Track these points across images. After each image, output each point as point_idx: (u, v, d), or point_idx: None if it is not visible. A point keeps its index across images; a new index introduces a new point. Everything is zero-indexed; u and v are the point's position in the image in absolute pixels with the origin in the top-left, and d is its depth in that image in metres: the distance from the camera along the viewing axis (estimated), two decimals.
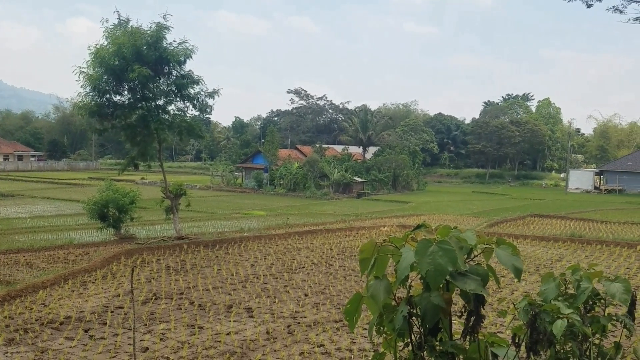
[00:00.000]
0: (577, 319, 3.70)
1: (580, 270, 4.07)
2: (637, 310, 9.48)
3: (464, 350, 3.46)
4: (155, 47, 16.87)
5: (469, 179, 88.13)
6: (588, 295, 3.94)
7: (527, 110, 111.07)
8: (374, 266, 3.56)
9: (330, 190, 55.26)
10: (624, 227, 26.25)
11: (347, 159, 62.61)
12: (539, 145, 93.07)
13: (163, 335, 8.72)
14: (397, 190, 61.86)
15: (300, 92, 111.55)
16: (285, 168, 58.50)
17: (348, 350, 8.06)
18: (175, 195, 18.52)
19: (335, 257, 15.96)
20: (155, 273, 13.40)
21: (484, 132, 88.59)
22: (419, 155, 72.64)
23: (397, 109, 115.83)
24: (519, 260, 3.42)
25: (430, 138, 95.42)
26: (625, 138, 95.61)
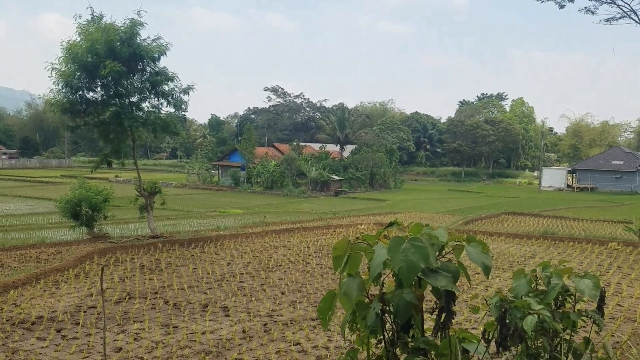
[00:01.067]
0: (548, 315, 3.77)
1: (551, 266, 4.15)
2: (607, 306, 9.66)
3: (435, 346, 3.50)
4: (129, 43, 16.66)
5: (445, 177, 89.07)
6: (558, 291, 4.01)
7: (501, 110, 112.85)
8: (347, 264, 3.58)
9: (307, 189, 55.30)
10: (596, 225, 26.83)
11: (324, 157, 62.70)
12: (513, 144, 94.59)
13: (137, 335, 8.61)
14: (375, 188, 62.20)
15: (277, 90, 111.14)
16: (262, 166, 58.31)
17: (324, 348, 8.07)
18: (149, 194, 18.33)
19: (313, 255, 15.97)
20: (129, 272, 13.24)
21: (460, 131, 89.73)
22: (396, 153, 73.19)
23: (374, 108, 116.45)
24: (489, 258, 3.47)
25: (407, 137, 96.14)
26: (597, 137, 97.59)
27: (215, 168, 66.98)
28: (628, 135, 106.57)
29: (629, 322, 9.60)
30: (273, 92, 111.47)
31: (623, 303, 10.91)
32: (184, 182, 62.50)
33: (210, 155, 73.95)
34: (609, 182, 71.09)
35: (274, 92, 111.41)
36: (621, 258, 16.49)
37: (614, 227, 25.52)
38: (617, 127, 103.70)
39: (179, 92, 17.87)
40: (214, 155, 72.32)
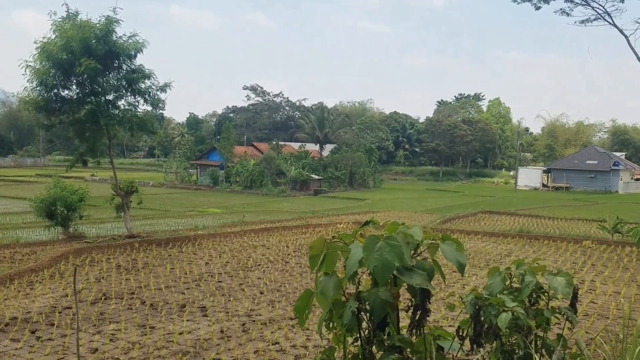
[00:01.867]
0: (522, 312, 3.82)
1: (525, 264, 4.20)
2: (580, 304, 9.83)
3: (410, 344, 3.54)
4: (105, 41, 16.44)
5: (423, 176, 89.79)
6: (532, 288, 4.06)
7: (478, 110, 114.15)
8: (324, 263, 3.59)
9: (287, 188, 55.23)
10: (570, 223, 27.32)
11: (304, 157, 62.68)
12: (489, 144, 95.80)
13: (113, 336, 8.52)
14: (354, 187, 62.42)
15: (257, 89, 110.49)
16: (241, 165, 58.03)
17: (303, 347, 8.08)
18: (126, 193, 18.12)
19: (292, 255, 15.96)
20: (105, 272, 13.08)
21: (438, 130, 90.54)
22: (375, 153, 73.54)
23: (354, 107, 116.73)
24: (463, 256, 3.51)
25: (386, 136, 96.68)
26: (572, 137, 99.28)
27: (193, 167, 66.43)
28: (602, 135, 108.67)
29: (602, 319, 9.78)
30: (252, 90, 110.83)
31: (597, 300, 11.12)
32: (162, 181, 61.91)
33: (189, 154, 73.17)
34: (583, 182, 72.31)
35: (253, 91, 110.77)
36: (595, 256, 16.79)
37: (588, 225, 25.98)
38: (591, 127, 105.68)
39: (155, 89, 17.71)
40: (192, 154, 71.59)
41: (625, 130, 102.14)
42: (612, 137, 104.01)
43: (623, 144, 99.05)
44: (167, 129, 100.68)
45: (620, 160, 75.47)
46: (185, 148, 79.15)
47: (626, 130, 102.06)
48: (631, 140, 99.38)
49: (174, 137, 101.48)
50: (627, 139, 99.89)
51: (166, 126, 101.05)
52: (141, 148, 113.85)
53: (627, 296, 11.46)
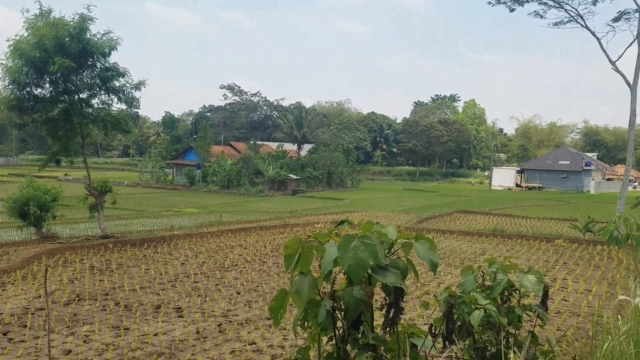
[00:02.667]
0: (494, 310, 3.87)
1: (497, 263, 4.26)
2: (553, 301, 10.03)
3: (384, 342, 3.57)
4: (79, 38, 16.18)
5: (400, 176, 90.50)
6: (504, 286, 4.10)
7: (454, 111, 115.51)
8: (299, 262, 3.60)
9: (265, 188, 55.12)
10: (543, 222, 27.86)
11: (282, 156, 62.63)
12: (465, 145, 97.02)
13: (87, 338, 8.40)
14: (332, 187, 62.60)
15: (234, 88, 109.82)
16: (218, 165, 57.71)
17: (280, 347, 8.07)
18: (99, 193, 17.87)
19: (269, 255, 15.92)
20: (78, 273, 12.87)
21: (414, 131, 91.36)
22: (353, 153, 73.87)
23: (332, 107, 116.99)
24: (436, 255, 3.55)
25: (364, 136, 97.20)
26: (544, 138, 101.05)
27: (169, 167, 65.81)
28: (574, 136, 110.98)
29: (574, 316, 9.96)
30: (229, 90, 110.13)
31: (568, 298, 11.32)
32: (137, 181, 61.21)
33: (164, 153, 72.39)
34: (556, 182, 73.63)
35: (230, 90, 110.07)
36: (567, 254, 17.11)
37: (560, 224, 26.49)
38: (564, 128, 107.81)
39: (130, 88, 17.51)
40: (168, 154, 70.86)
41: (597, 131, 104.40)
42: (584, 138, 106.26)
43: (595, 145, 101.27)
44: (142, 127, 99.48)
45: (592, 160, 77.02)
46: (161, 147, 78.19)
47: (598, 131, 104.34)
48: (603, 141, 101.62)
49: (149, 136, 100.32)
50: (599, 140, 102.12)
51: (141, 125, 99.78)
52: (116, 147, 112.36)
53: (597, 294, 11.71)
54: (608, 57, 21.90)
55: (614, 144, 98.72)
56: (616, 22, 22.45)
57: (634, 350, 4.97)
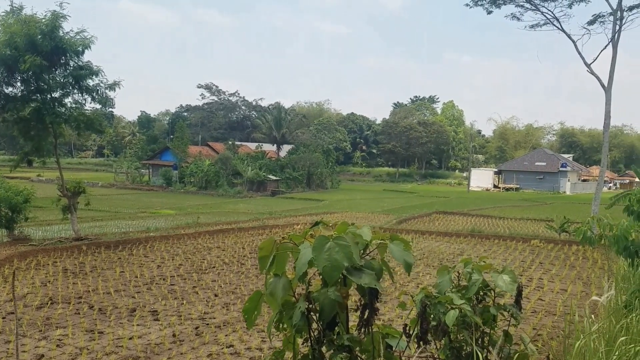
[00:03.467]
0: (469, 309, 3.88)
1: (472, 263, 4.29)
2: (529, 301, 10.10)
3: (359, 343, 3.55)
4: (51, 36, 15.84)
5: (380, 177, 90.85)
6: (479, 286, 4.14)
7: (433, 112, 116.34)
8: (273, 264, 3.56)
9: (243, 189, 54.84)
10: (520, 223, 28.24)
11: (261, 157, 62.36)
12: (444, 146, 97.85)
13: (60, 342, 8.22)
14: (312, 188, 62.55)
15: (212, 87, 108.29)
16: (196, 165, 57.12)
17: (258, 350, 8.00)
18: (73, 194, 17.52)
19: (248, 256, 15.81)
20: (51, 276, 12.61)
21: (394, 132, 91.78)
22: (333, 154, 73.85)
23: (311, 108, 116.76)
24: (410, 255, 3.56)
25: (343, 137, 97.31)
26: (522, 139, 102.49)
27: (145, 167, 64.85)
28: (551, 137, 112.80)
29: (549, 315, 10.07)
30: (207, 89, 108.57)
31: (544, 297, 11.45)
32: (112, 182, 60.34)
33: (140, 153, 71.17)
34: (532, 183, 74.71)
35: (207, 89, 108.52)
36: (543, 254, 17.34)
37: (536, 225, 26.86)
38: (540, 129, 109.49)
39: (104, 87, 17.22)
40: (144, 154, 69.67)
41: (573, 133, 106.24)
42: (560, 139, 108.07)
43: (571, 146, 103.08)
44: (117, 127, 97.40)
45: (568, 161, 78.36)
46: (137, 147, 76.92)
47: (574, 133, 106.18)
48: (578, 142, 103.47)
49: (124, 136, 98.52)
50: (575, 141, 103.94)
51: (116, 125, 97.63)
52: (90, 147, 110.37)
53: (573, 293, 11.86)
54: (583, 59, 22.25)
55: (590, 146, 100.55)
56: (591, 25, 22.83)
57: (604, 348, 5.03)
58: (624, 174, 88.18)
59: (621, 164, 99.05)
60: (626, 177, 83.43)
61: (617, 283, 9.44)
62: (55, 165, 18.96)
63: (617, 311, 7.16)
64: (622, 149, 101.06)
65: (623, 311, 7.08)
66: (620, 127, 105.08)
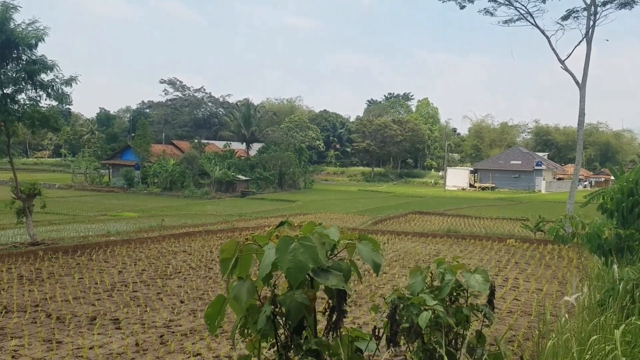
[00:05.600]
0: (442, 310, 3.76)
1: (445, 263, 4.17)
2: (505, 301, 9.89)
3: (328, 347, 3.36)
4: (1, 29, 15.06)
5: (354, 177, 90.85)
6: (452, 287, 4.07)
7: (407, 110, 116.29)
8: (236, 266, 3.32)
9: (211, 189, 53.95)
10: (495, 222, 28.38)
11: (229, 156, 61.33)
12: (419, 144, 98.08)
13: (15, 353, 7.76)
14: (284, 189, 62.00)
15: (175, 83, 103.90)
16: (159, 165, 55.88)
17: (227, 358, 7.67)
18: (27, 196, 16.80)
19: (216, 260, 15.35)
20: (5, 283, 11.99)
21: (368, 130, 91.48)
22: (305, 152, 73.27)
23: (282, 105, 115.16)
24: (379, 256, 3.37)
25: (316, 135, 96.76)
26: (497, 137, 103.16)
27: (105, 167, 63.21)
28: (526, 135, 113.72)
29: (525, 315, 9.95)
30: (170, 84, 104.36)
31: (520, 297, 11.33)
32: (70, 183, 58.86)
33: (100, 153, 69.17)
34: (508, 181, 75.42)
35: (171, 84, 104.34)
36: (518, 254, 17.30)
37: (512, 224, 27.02)
38: (515, 128, 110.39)
39: (60, 83, 16.55)
40: (103, 153, 67.71)
41: (547, 131, 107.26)
42: (535, 137, 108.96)
43: (546, 145, 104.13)
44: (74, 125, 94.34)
45: (543, 160, 79.33)
46: (96, 146, 74.56)
47: (549, 131, 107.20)
48: (553, 140, 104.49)
49: (82, 135, 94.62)
50: (550, 140, 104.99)
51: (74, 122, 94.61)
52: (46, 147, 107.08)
53: (548, 293, 11.78)
54: (557, 56, 22.30)
55: (564, 144, 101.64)
56: (565, 21, 22.86)
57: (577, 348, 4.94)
58: (599, 172, 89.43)
59: (596, 162, 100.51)
60: (601, 175, 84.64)
61: (591, 282, 9.39)
62: (8, 165, 18.26)
63: (590, 310, 7.07)
64: (597, 147, 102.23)
65: (597, 310, 6.99)
66: (595, 124, 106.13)
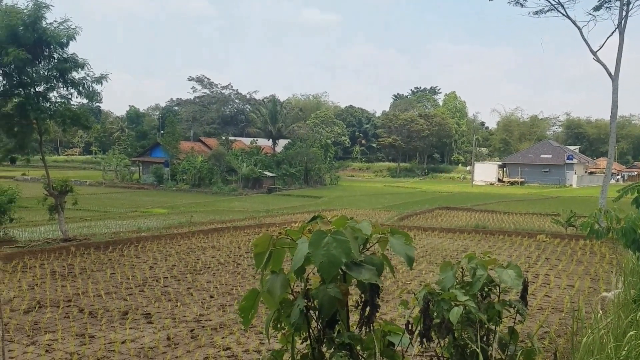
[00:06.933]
0: (473, 306, 3.67)
1: (476, 258, 4.09)
2: (535, 297, 9.74)
3: (360, 341, 3.34)
4: (34, 27, 15.35)
5: (380, 172, 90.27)
6: (483, 282, 3.97)
7: (434, 104, 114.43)
8: (270, 260, 3.31)
9: (238, 186, 54.22)
10: (525, 218, 27.79)
11: (256, 152, 61.50)
12: (446, 139, 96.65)
13: (49, 347, 7.93)
14: (310, 184, 61.91)
15: (203, 80, 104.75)
16: (188, 162, 56.28)
17: (256, 352, 7.73)
18: (60, 193, 17.10)
19: (244, 256, 15.48)
20: (38, 279, 12.27)
21: (394, 125, 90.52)
22: (331, 148, 72.96)
23: (308, 101, 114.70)
24: (412, 249, 3.31)
25: (342, 131, 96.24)
26: (526, 131, 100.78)
27: (135, 164, 63.91)
28: (556, 129, 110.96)
29: (556, 312, 9.79)
30: (198, 82, 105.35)
31: (551, 294, 11.14)
32: (100, 180, 59.73)
33: (129, 150, 69.63)
34: (538, 176, 73.82)
35: (199, 82, 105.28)
36: (549, 250, 17.00)
37: (542, 219, 26.50)
38: (546, 121, 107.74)
39: (90, 81, 16.79)
40: (133, 151, 68.27)
41: (579, 124, 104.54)
42: (566, 130, 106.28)
43: (577, 138, 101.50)
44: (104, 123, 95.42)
45: (574, 154, 77.50)
46: (126, 144, 74.88)
47: (580, 124, 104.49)
48: (585, 133, 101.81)
49: (112, 132, 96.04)
50: (581, 133, 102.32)
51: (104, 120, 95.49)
52: (77, 144, 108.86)
53: (580, 289, 11.55)
54: (589, 47, 21.76)
55: (597, 137, 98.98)
56: (597, 11, 22.25)
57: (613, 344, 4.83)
58: (632, 165, 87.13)
59: (629, 155, 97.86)
60: (634, 168, 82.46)
61: (625, 277, 9.19)
62: (40, 163, 18.55)
63: (625, 306, 6.92)
64: (630, 139, 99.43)
65: (632, 306, 6.85)
66: (628, 117, 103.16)
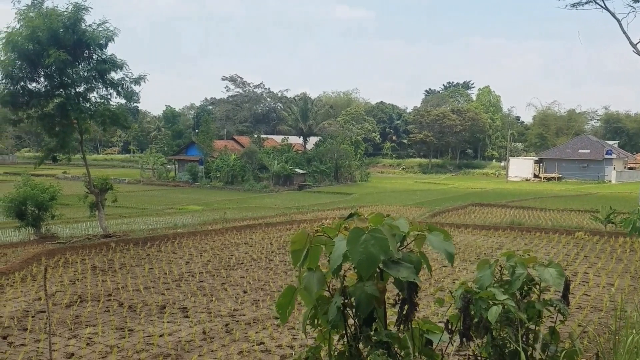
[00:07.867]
0: (512, 305, 3.57)
1: (515, 256, 4.00)
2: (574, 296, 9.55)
3: (398, 339, 3.29)
4: (74, 29, 15.75)
5: (411, 168, 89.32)
6: (523, 281, 3.82)
7: (467, 99, 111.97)
8: (307, 257, 3.32)
9: (270, 183, 54.61)
10: (562, 214, 27.02)
11: (287, 150, 61.81)
12: (479, 134, 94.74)
13: (90, 340, 8.17)
14: (340, 181, 61.81)
15: (236, 80, 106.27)
16: (221, 160, 56.94)
17: (289, 347, 7.82)
18: (100, 190, 17.54)
19: (276, 252, 15.62)
20: (79, 274, 12.62)
21: (426, 121, 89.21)
22: (361, 145, 72.71)
23: (338, 98, 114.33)
24: (451, 246, 3.26)
25: (372, 127, 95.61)
26: (564, 125, 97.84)
27: (171, 163, 64.89)
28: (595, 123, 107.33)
29: (595, 311, 9.59)
30: (231, 81, 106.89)
31: (590, 293, 10.92)
32: (138, 178, 60.76)
33: (166, 149, 70.68)
34: (575, 171, 71.73)
35: (232, 81, 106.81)
36: (588, 247, 16.59)
37: (580, 216, 25.68)
38: (583, 115, 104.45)
39: (129, 82, 17.11)
40: (169, 149, 69.23)
41: (618, 118, 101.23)
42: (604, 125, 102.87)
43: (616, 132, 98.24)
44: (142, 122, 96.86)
45: (613, 149, 75.08)
46: (162, 143, 76.29)
47: (619, 118, 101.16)
48: (624, 128, 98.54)
49: (150, 132, 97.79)
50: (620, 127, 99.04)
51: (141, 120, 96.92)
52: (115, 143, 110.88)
53: (620, 288, 11.27)
54: (629, 39, 21.17)
55: (636, 131, 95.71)
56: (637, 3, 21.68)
57: None
58: None
59: None
60: None
61: None
62: (81, 162, 19.01)
63: None
64: None
65: None
66: None
